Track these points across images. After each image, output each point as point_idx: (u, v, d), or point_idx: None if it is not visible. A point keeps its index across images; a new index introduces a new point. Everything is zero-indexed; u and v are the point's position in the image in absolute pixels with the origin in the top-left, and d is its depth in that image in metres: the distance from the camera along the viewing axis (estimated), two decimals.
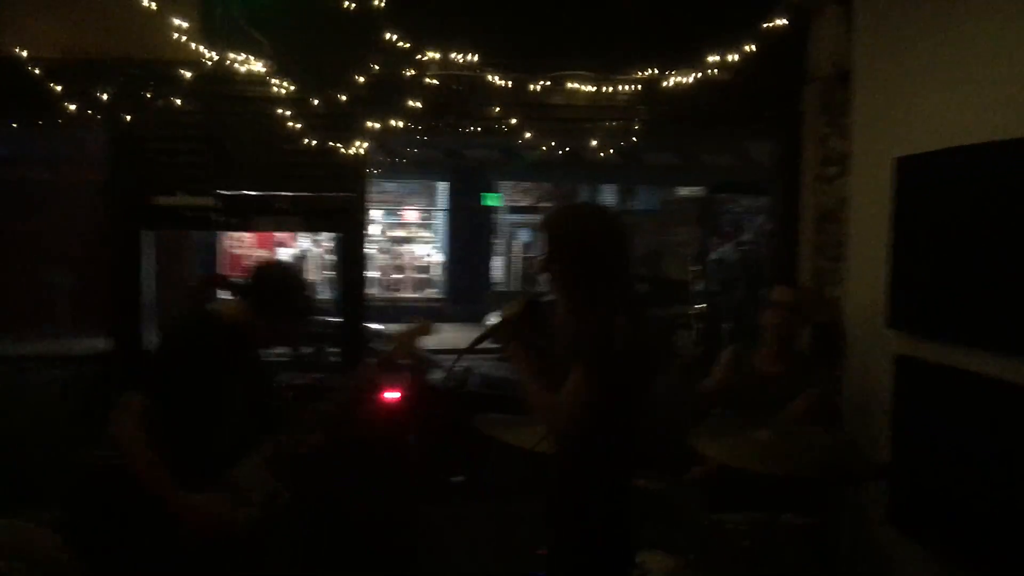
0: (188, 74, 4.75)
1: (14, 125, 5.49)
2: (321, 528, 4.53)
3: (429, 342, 3.77)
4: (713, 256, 19.75)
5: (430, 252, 21.29)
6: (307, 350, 8.16)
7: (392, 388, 4.77)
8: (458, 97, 4.92)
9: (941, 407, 3.75)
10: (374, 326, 7.99)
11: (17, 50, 4.66)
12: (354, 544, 4.57)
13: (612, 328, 2.61)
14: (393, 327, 3.65)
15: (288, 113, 4.85)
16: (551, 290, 2.87)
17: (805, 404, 3.86)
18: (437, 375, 8.83)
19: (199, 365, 3.05)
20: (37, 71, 4.68)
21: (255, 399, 3.28)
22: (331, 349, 7.28)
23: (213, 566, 3.02)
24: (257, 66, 4.77)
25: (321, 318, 9.21)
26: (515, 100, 4.99)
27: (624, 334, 2.61)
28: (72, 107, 4.77)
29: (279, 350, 8.04)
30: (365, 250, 5.33)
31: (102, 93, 4.77)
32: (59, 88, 4.72)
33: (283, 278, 3.28)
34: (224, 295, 5.49)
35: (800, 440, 3.34)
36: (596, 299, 2.70)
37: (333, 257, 19.38)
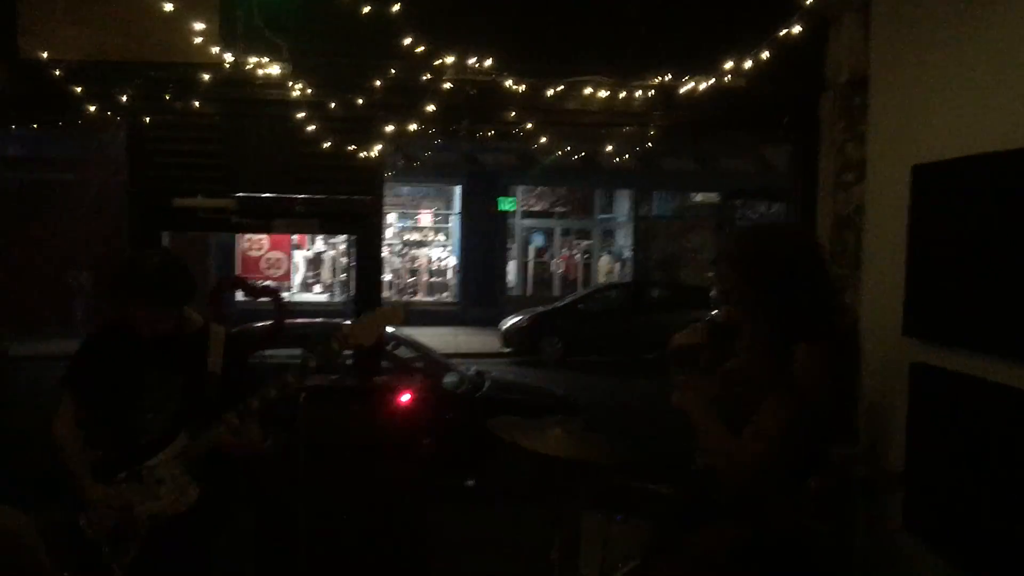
0: (207, 77, 4.79)
1: (35, 126, 5.57)
2: (332, 531, 4.54)
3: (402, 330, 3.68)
4: None
5: (444, 256, 21.36)
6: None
7: (405, 391, 4.79)
8: (474, 102, 4.93)
9: (957, 415, 3.74)
10: (389, 328, 8.03)
11: (38, 53, 4.71)
12: (365, 547, 4.58)
13: (816, 363, 2.44)
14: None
15: (306, 116, 4.88)
16: (737, 319, 2.63)
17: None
18: (450, 379, 8.88)
19: (106, 363, 3.27)
20: (58, 73, 4.72)
21: (190, 397, 3.26)
22: (346, 352, 7.32)
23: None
24: (275, 69, 4.80)
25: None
26: (531, 105, 5.00)
27: (825, 368, 2.46)
28: (92, 109, 4.82)
29: (291, 352, 8.12)
30: (380, 253, 5.34)
31: (122, 95, 4.81)
32: (79, 90, 4.76)
33: (118, 264, 3.30)
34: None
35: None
36: (795, 330, 2.49)
37: (346, 260, 19.47)
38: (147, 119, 4.90)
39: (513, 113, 5.02)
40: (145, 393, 3.23)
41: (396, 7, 4.58)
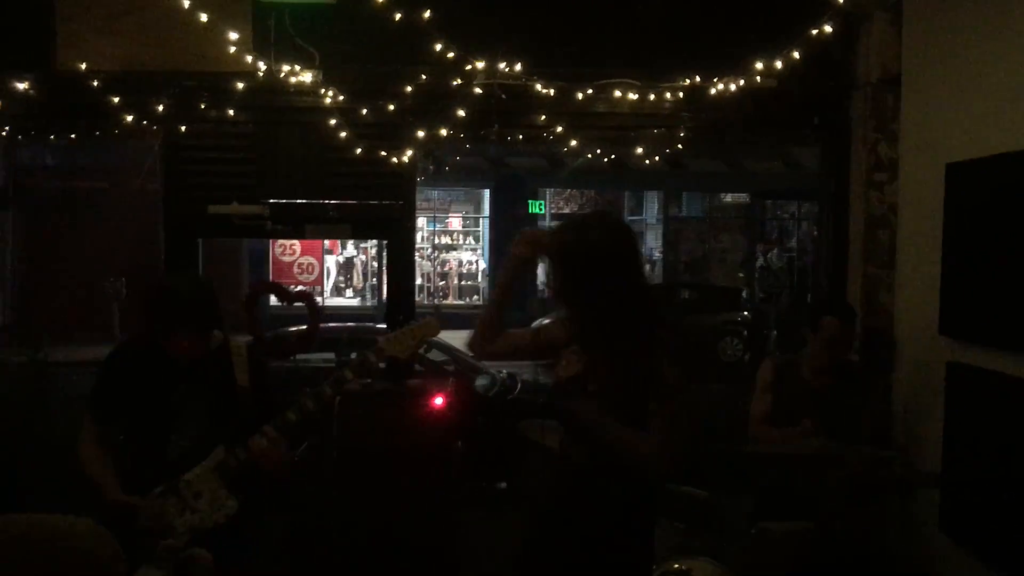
0: (241, 85, 4.86)
1: (72, 137, 5.66)
2: (363, 534, 4.58)
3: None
4: (759, 263, 19.65)
5: (474, 259, 21.39)
6: (352, 356, 8.25)
7: (437, 395, 4.81)
8: (504, 106, 4.96)
9: (994, 414, 3.70)
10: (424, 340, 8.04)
11: (76, 65, 4.80)
12: (397, 550, 4.60)
13: (676, 354, 2.51)
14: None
15: (337, 123, 4.93)
16: (570, 321, 2.66)
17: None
18: (482, 381, 8.89)
19: (134, 381, 3.22)
20: (95, 84, 4.81)
21: (217, 411, 3.26)
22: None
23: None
24: (307, 77, 4.86)
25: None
26: (560, 108, 5.01)
27: (681, 354, 2.52)
28: (128, 119, 4.90)
29: (325, 356, 8.18)
30: (413, 257, 5.38)
31: (157, 105, 4.89)
32: (116, 100, 4.84)
33: (156, 291, 3.24)
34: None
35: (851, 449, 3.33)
36: (638, 326, 2.53)
37: (377, 264, 19.58)
38: (182, 128, 4.97)
39: (543, 116, 5.03)
40: (174, 410, 3.23)
41: (426, 14, 4.62)
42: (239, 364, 3.34)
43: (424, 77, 4.90)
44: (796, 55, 4.74)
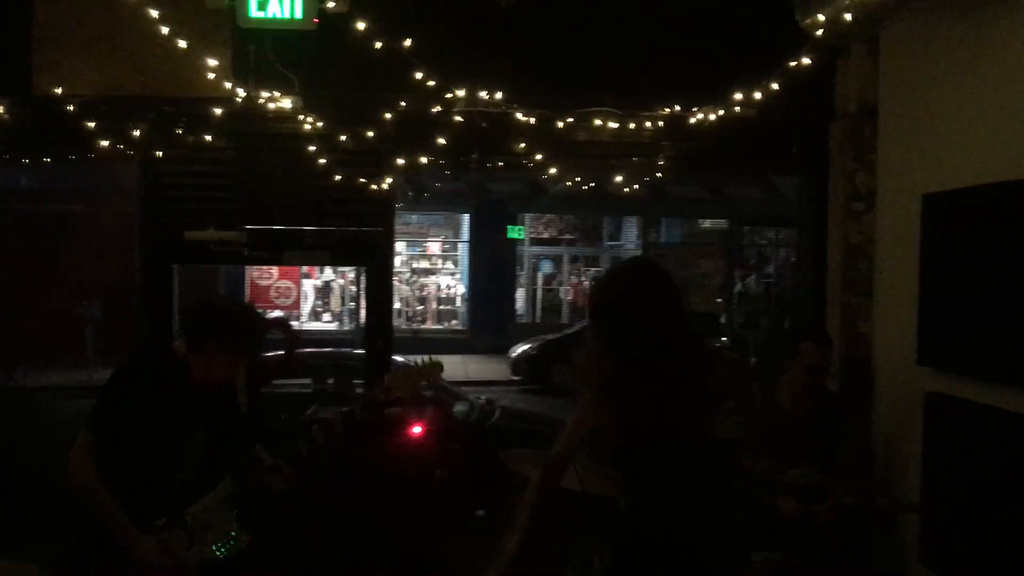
0: (219, 111, 4.83)
1: (47, 160, 5.61)
2: (345, 561, 4.52)
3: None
4: (737, 288, 19.72)
5: (453, 284, 21.34)
6: (330, 381, 8.18)
7: (416, 423, 4.78)
8: (484, 134, 4.96)
9: (973, 444, 3.71)
10: (398, 358, 8.03)
11: (53, 89, 4.76)
12: None
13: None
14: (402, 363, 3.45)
15: (317, 149, 4.91)
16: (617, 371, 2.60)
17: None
18: (460, 408, 8.84)
19: (141, 403, 3.04)
20: (71, 108, 4.77)
21: (220, 437, 3.17)
22: (356, 381, 7.30)
23: None
24: (286, 103, 4.84)
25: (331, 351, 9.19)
26: (541, 136, 5.02)
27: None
28: (105, 143, 4.86)
29: (302, 382, 8.10)
30: (391, 283, 5.36)
31: (135, 130, 4.85)
32: (93, 125, 4.80)
33: (210, 312, 3.13)
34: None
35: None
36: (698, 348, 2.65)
37: (355, 289, 19.51)
38: (159, 153, 4.93)
39: (523, 144, 5.03)
40: (178, 433, 3.10)
41: (407, 42, 4.62)
42: (240, 388, 3.28)
43: (404, 105, 4.90)
44: (775, 85, 4.78)
